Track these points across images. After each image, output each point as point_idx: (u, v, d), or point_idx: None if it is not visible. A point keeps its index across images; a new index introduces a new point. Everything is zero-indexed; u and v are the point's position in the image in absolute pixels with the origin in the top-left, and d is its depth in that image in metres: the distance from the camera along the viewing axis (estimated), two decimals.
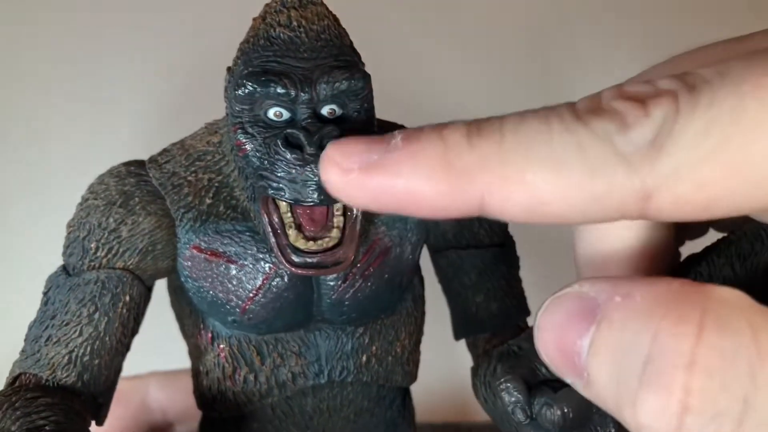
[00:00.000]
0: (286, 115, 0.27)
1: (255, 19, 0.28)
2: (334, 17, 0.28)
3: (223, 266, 0.30)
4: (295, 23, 0.27)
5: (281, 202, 0.27)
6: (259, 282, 0.29)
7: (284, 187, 0.27)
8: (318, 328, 0.31)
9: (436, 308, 0.35)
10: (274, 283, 0.29)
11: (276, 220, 0.27)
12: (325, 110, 0.27)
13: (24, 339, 0.30)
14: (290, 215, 0.28)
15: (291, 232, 0.27)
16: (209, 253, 0.30)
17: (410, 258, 0.32)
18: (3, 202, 0.59)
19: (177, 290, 0.32)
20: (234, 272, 0.29)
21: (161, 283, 0.33)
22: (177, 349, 0.35)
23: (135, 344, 0.31)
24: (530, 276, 0.35)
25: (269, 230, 0.27)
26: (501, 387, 0.25)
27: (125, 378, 0.43)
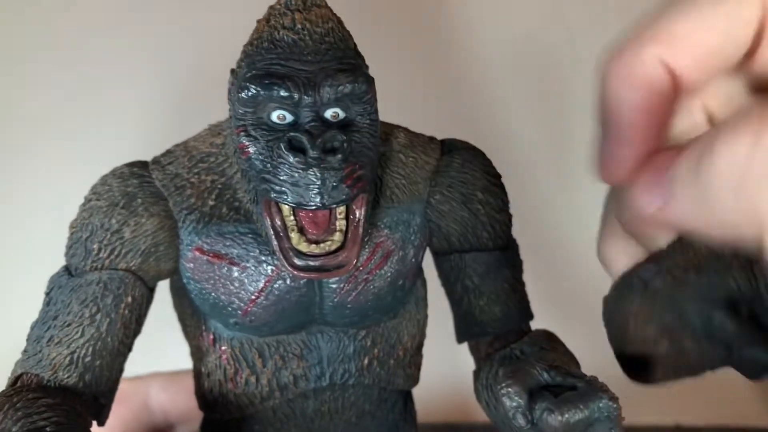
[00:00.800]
0: (290, 118, 0.27)
1: (259, 22, 0.28)
2: (338, 20, 0.28)
3: (226, 268, 0.29)
4: (299, 26, 0.27)
5: (284, 205, 0.27)
6: (262, 284, 0.29)
7: (287, 191, 0.27)
8: (320, 331, 0.31)
9: (437, 309, 0.35)
10: (277, 286, 0.29)
11: (278, 223, 0.27)
12: (329, 113, 0.27)
13: (26, 339, 0.30)
14: (293, 218, 0.27)
15: (293, 235, 0.27)
16: (212, 255, 0.30)
17: (413, 261, 0.32)
18: (5, 203, 0.59)
19: (179, 291, 0.32)
20: (236, 274, 0.29)
21: (164, 284, 0.33)
22: (178, 350, 0.35)
23: (137, 345, 0.31)
24: (533, 280, 0.35)
25: (272, 233, 0.27)
26: (502, 392, 0.25)
27: (127, 379, 0.43)
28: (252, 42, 0.28)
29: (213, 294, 0.30)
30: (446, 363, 0.44)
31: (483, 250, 0.32)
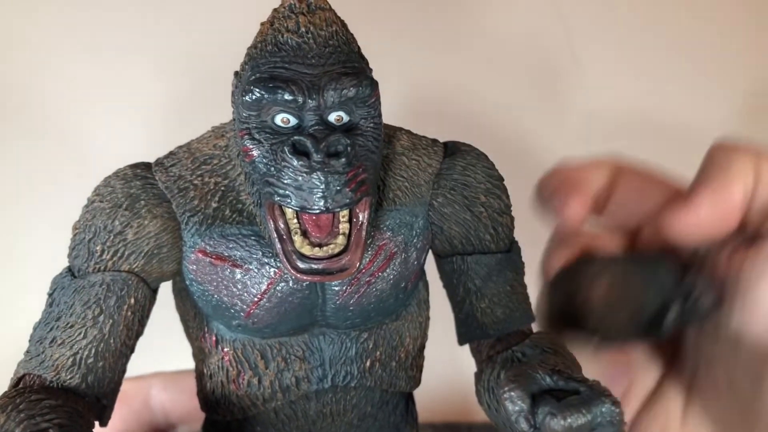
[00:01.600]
0: (294, 122, 0.27)
1: (263, 24, 0.28)
2: (342, 23, 0.28)
3: (228, 270, 0.30)
4: (303, 29, 0.27)
5: (287, 209, 0.27)
6: (264, 286, 0.29)
7: (290, 194, 0.27)
8: (322, 333, 0.31)
9: (439, 310, 0.35)
10: (279, 288, 0.29)
11: (282, 226, 0.27)
12: (333, 117, 0.27)
13: (28, 340, 0.30)
14: (296, 221, 0.27)
15: (297, 238, 0.27)
16: (214, 257, 0.30)
17: (415, 263, 0.32)
18: (8, 204, 0.59)
19: (182, 293, 0.32)
20: (239, 276, 0.29)
21: (166, 285, 0.33)
22: (181, 350, 0.35)
23: (139, 345, 0.31)
24: (536, 282, 0.35)
25: (275, 236, 0.27)
26: (504, 396, 0.25)
27: (128, 379, 0.43)
28: (256, 45, 0.28)
29: (216, 296, 0.30)
30: (447, 364, 0.44)
31: (485, 253, 0.32)
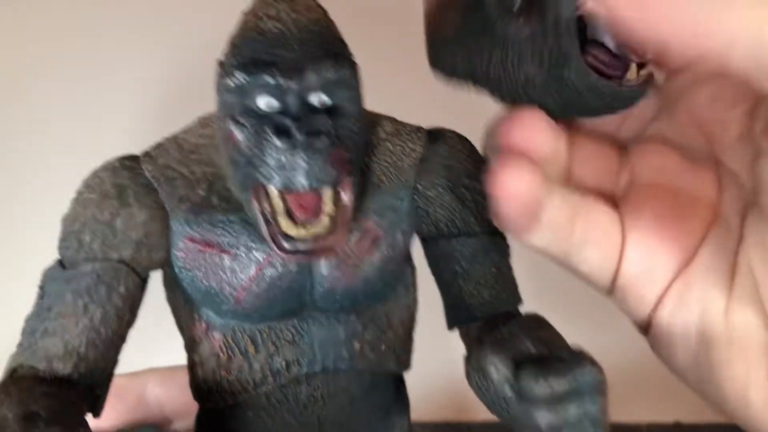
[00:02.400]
0: (276, 105, 0.27)
1: (245, 13, 0.29)
2: (323, 10, 0.29)
3: (217, 256, 0.30)
4: (285, 15, 0.28)
5: (272, 190, 0.28)
6: (253, 271, 0.30)
7: (274, 174, 0.27)
8: (311, 317, 0.32)
9: (435, 305, 0.36)
10: (267, 273, 0.30)
11: (267, 208, 0.28)
12: (315, 99, 0.28)
13: (21, 332, 0.30)
14: (281, 203, 0.28)
15: (282, 220, 0.28)
16: (203, 244, 0.30)
17: (402, 246, 0.32)
18: (6, 202, 0.59)
19: (171, 283, 0.33)
20: (227, 262, 0.30)
21: (158, 281, 0.34)
22: (174, 346, 0.36)
23: (132, 342, 0.32)
24: (521, 264, 0.35)
25: (260, 218, 0.28)
26: (488, 362, 0.25)
27: (123, 374, 0.43)
28: (238, 33, 0.28)
29: (205, 282, 0.30)
30: (442, 359, 0.44)
31: (470, 235, 0.33)
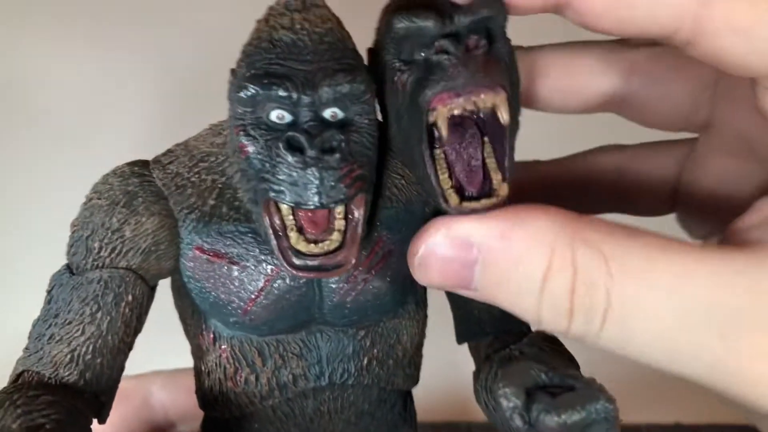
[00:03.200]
0: (289, 118, 0.27)
1: (258, 22, 0.28)
2: (338, 20, 0.28)
3: (225, 267, 0.30)
4: (298, 26, 0.27)
5: (282, 205, 0.27)
6: (261, 284, 0.29)
7: (285, 190, 0.27)
8: (319, 330, 0.32)
9: (438, 309, 0.35)
10: (276, 285, 0.29)
11: (277, 223, 0.27)
12: (328, 113, 0.27)
13: (27, 336, 0.30)
14: (292, 218, 0.28)
15: (292, 235, 0.27)
16: (212, 254, 0.30)
17: None
18: (7, 203, 0.59)
19: (180, 290, 0.32)
20: (236, 274, 0.30)
21: (166, 283, 0.34)
22: (181, 349, 0.35)
23: (138, 343, 0.31)
24: None
25: (270, 233, 0.27)
26: (499, 392, 0.25)
27: (128, 377, 0.43)
28: (251, 42, 0.28)
29: (213, 293, 0.30)
30: (447, 363, 0.44)
31: None
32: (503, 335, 0.33)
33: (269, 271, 0.29)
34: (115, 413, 0.31)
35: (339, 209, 0.28)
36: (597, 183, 0.39)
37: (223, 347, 0.31)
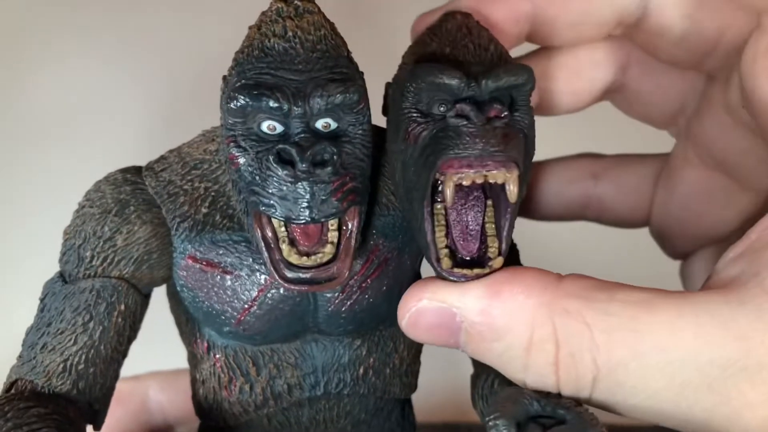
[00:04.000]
0: (280, 129, 0.26)
1: (251, 28, 0.28)
2: (332, 26, 0.28)
3: (219, 277, 0.29)
4: (291, 33, 0.26)
5: (274, 220, 0.27)
6: (255, 293, 0.29)
7: (276, 204, 0.26)
8: (314, 340, 0.31)
9: None
10: (270, 295, 0.29)
11: (269, 235, 0.27)
12: (320, 124, 0.26)
13: (21, 344, 0.30)
14: (284, 230, 0.27)
15: (284, 247, 0.27)
16: (204, 263, 0.29)
17: (409, 269, 0.31)
18: (6, 206, 0.59)
19: (175, 297, 0.32)
20: (229, 283, 0.29)
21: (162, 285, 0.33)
22: (178, 348, 0.35)
23: (136, 344, 0.31)
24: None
25: (262, 245, 0.27)
26: (490, 424, 0.24)
27: (125, 379, 0.42)
28: (243, 50, 0.27)
29: (206, 302, 0.30)
30: (447, 364, 0.43)
31: None
32: None
33: (263, 281, 0.29)
34: (112, 417, 0.31)
35: (332, 222, 0.27)
36: (571, 188, 0.39)
37: (218, 356, 0.31)
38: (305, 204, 0.26)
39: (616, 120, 0.40)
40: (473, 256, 0.27)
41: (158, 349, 0.43)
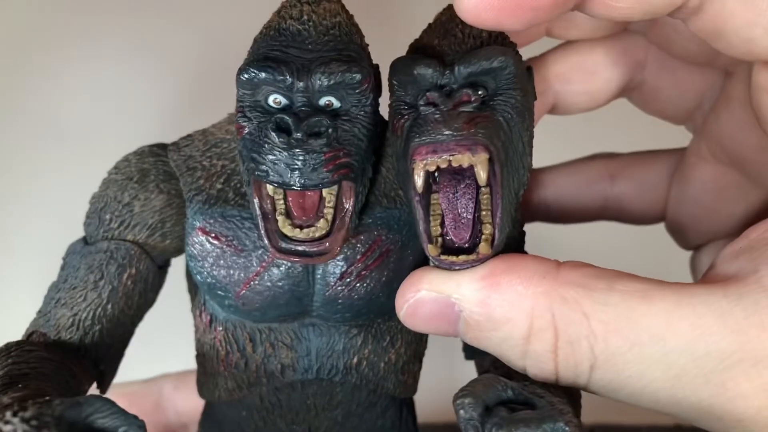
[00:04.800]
0: (284, 103, 0.28)
1: (273, 13, 0.30)
2: (349, 17, 0.29)
3: (225, 250, 0.30)
4: (306, 17, 0.28)
5: (269, 187, 0.28)
6: (256, 269, 0.30)
7: (269, 170, 0.27)
8: (312, 324, 0.32)
9: None
10: (270, 272, 0.30)
11: (267, 205, 0.28)
12: (323, 101, 0.28)
13: (43, 298, 0.31)
14: (282, 202, 0.28)
15: (280, 218, 0.28)
16: (213, 236, 0.31)
17: (412, 263, 0.31)
18: (8, 201, 0.60)
19: (189, 272, 0.33)
20: (234, 257, 0.30)
21: (178, 285, 0.35)
22: (187, 352, 0.36)
23: (147, 349, 0.32)
24: None
25: (259, 214, 0.28)
26: (457, 402, 0.24)
27: (138, 381, 0.43)
28: (261, 31, 0.29)
29: (211, 273, 0.31)
30: (446, 362, 0.43)
31: None
32: None
33: (266, 258, 0.30)
34: None
35: (329, 198, 0.28)
36: (590, 190, 0.39)
37: (218, 329, 0.32)
38: (297, 171, 0.27)
39: (616, 118, 0.39)
40: (468, 244, 0.27)
41: (167, 351, 0.43)
